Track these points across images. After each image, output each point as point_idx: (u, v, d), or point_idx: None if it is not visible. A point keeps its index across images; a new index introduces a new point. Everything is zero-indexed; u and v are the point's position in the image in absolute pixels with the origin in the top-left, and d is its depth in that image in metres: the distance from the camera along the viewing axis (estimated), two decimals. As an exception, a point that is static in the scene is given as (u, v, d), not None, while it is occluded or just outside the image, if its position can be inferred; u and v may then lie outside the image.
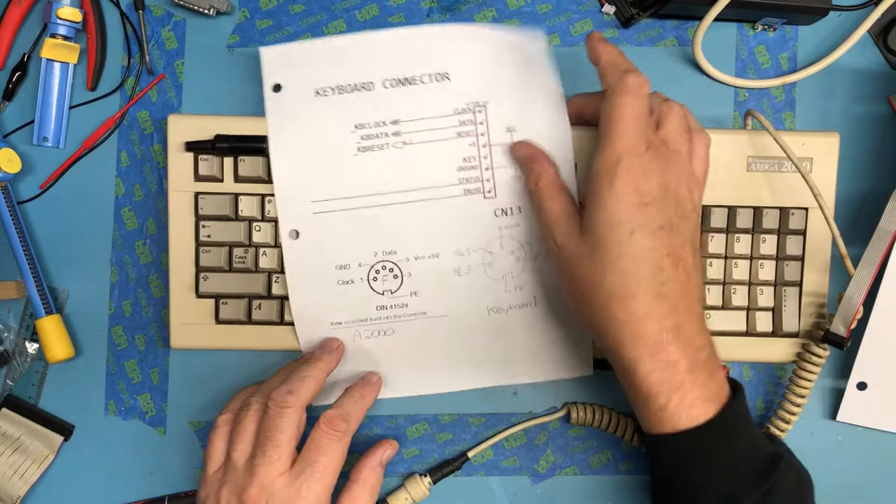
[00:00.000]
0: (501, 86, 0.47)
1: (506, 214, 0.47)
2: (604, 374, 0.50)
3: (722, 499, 0.40)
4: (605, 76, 0.42)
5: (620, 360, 0.41)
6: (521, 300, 0.48)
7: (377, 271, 0.48)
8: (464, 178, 0.47)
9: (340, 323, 0.48)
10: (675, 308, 0.40)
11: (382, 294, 0.48)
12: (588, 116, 0.46)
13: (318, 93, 0.47)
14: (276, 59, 0.47)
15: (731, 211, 0.49)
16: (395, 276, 0.48)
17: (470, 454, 0.51)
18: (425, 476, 0.50)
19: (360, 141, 0.47)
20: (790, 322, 0.49)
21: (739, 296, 0.49)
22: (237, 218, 0.48)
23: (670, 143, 0.41)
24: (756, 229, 0.49)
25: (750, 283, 0.49)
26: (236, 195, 0.48)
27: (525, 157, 0.46)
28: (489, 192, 0.47)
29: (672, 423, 0.40)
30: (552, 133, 0.46)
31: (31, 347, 0.51)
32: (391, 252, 0.48)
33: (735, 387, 0.43)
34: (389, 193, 0.47)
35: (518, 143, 0.46)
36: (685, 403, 0.40)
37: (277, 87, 0.47)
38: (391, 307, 0.48)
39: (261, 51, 0.47)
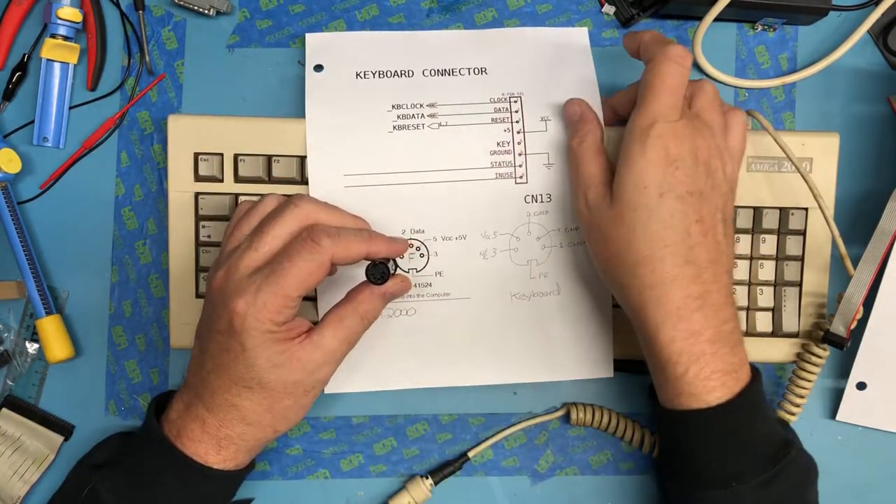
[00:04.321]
0: (538, 80, 0.48)
1: (535, 201, 0.48)
2: (605, 377, 0.50)
3: (729, 476, 0.41)
4: (648, 49, 0.43)
5: (643, 324, 0.41)
6: (545, 288, 0.48)
7: None
8: (496, 161, 0.47)
9: None
10: (701, 276, 0.40)
11: (408, 272, 0.48)
12: (622, 112, 0.47)
13: (358, 75, 0.48)
14: (320, 44, 0.49)
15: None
16: (422, 255, 0.48)
17: (470, 454, 0.51)
18: (427, 478, 0.50)
19: (396, 120, 0.48)
20: (790, 322, 0.49)
21: (739, 296, 0.49)
22: (237, 218, 0.48)
23: (703, 115, 0.42)
24: (756, 229, 0.49)
25: (750, 283, 0.50)
26: (236, 195, 0.48)
27: (575, 115, 0.46)
28: (521, 177, 0.47)
29: (687, 393, 0.40)
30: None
31: (31, 347, 0.51)
32: (419, 231, 0.48)
33: (753, 369, 0.43)
34: (421, 172, 0.47)
35: (571, 100, 0.47)
36: (703, 374, 0.40)
37: (319, 68, 0.49)
38: (416, 286, 0.48)
39: (307, 36, 0.49)
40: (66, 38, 0.50)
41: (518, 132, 0.47)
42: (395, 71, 0.49)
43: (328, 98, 0.48)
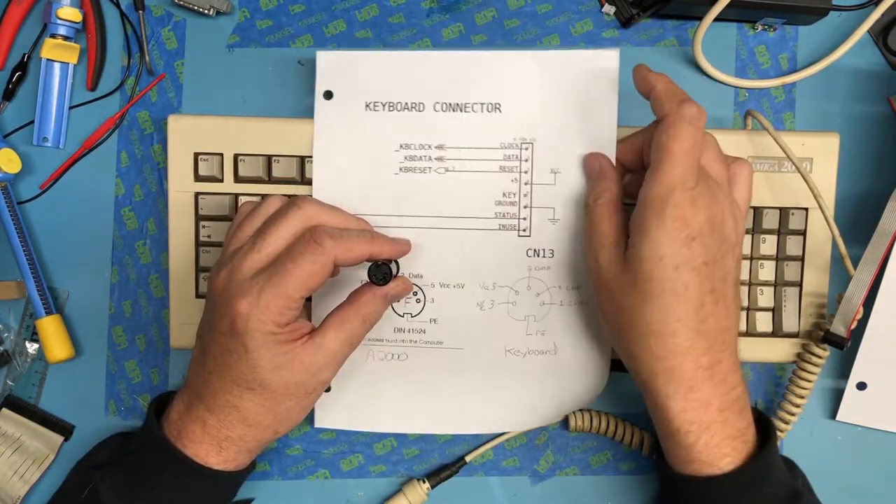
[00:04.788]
0: (553, 124, 0.46)
1: (538, 256, 0.47)
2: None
3: None
4: (662, 104, 0.40)
5: (652, 393, 0.41)
6: (541, 346, 0.48)
7: None
8: (501, 212, 0.47)
9: None
10: (712, 346, 0.40)
11: (402, 316, 0.48)
12: (625, 161, 0.45)
13: (367, 106, 0.47)
14: (331, 65, 0.47)
15: (731, 211, 0.49)
16: (418, 301, 0.47)
17: (468, 458, 0.51)
18: (424, 481, 0.50)
19: (404, 161, 0.47)
20: (790, 322, 0.49)
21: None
22: (237, 218, 0.48)
23: (711, 171, 0.41)
24: (756, 229, 0.49)
25: (750, 284, 0.49)
26: (236, 195, 0.48)
27: (594, 170, 0.45)
28: (524, 230, 0.47)
29: (699, 461, 0.40)
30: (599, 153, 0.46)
31: (31, 347, 0.51)
32: (418, 275, 0.47)
33: (765, 426, 0.43)
34: (425, 217, 0.47)
35: (592, 154, 0.45)
36: (713, 443, 0.40)
37: (329, 95, 0.47)
38: (409, 331, 0.48)
39: (318, 55, 0.47)
40: (66, 38, 0.50)
41: (525, 183, 0.46)
42: (406, 103, 0.47)
43: (337, 131, 0.47)
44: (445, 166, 0.47)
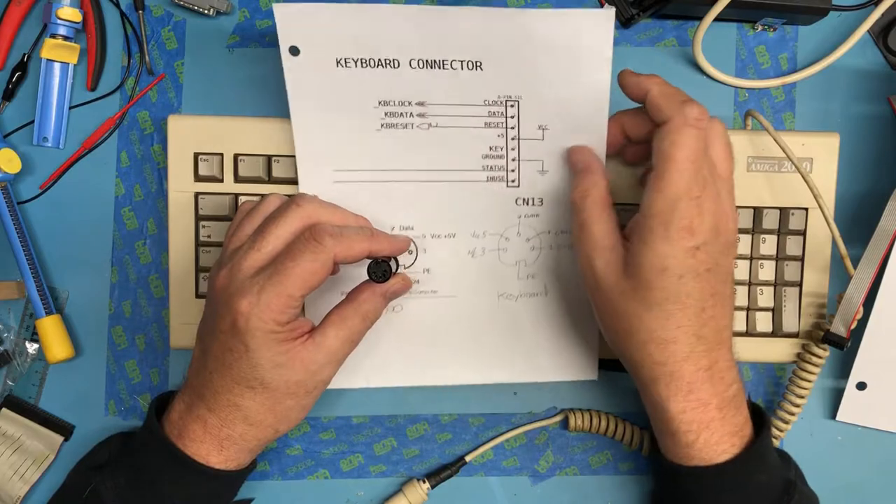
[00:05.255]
0: (540, 82, 0.45)
1: (527, 204, 0.47)
2: (604, 377, 0.50)
3: None
4: (661, 108, 0.39)
5: (651, 395, 0.41)
6: (531, 289, 0.48)
7: None
8: (488, 165, 0.47)
9: None
10: (711, 347, 0.40)
11: None
12: (633, 134, 0.44)
13: (338, 63, 0.45)
14: (291, 19, 0.44)
15: (731, 211, 0.49)
16: (410, 252, 0.47)
17: (468, 458, 0.51)
18: (424, 481, 0.50)
19: (384, 117, 0.46)
20: (790, 322, 0.49)
21: (739, 296, 0.49)
22: (237, 218, 0.48)
23: (718, 167, 0.40)
24: (756, 229, 0.49)
25: (750, 284, 0.49)
26: (236, 195, 0.48)
27: (579, 164, 0.44)
28: (513, 181, 0.47)
29: (698, 458, 0.41)
30: (585, 145, 0.45)
31: (31, 347, 0.51)
32: (408, 227, 0.47)
33: (759, 416, 0.43)
34: (411, 171, 0.47)
35: (575, 148, 0.45)
36: (713, 440, 0.40)
37: (295, 50, 0.45)
38: None
39: (275, 8, 0.44)
40: (66, 38, 0.50)
41: (512, 139, 0.46)
42: (379, 60, 0.44)
43: (310, 89, 0.45)
44: (428, 122, 0.46)
